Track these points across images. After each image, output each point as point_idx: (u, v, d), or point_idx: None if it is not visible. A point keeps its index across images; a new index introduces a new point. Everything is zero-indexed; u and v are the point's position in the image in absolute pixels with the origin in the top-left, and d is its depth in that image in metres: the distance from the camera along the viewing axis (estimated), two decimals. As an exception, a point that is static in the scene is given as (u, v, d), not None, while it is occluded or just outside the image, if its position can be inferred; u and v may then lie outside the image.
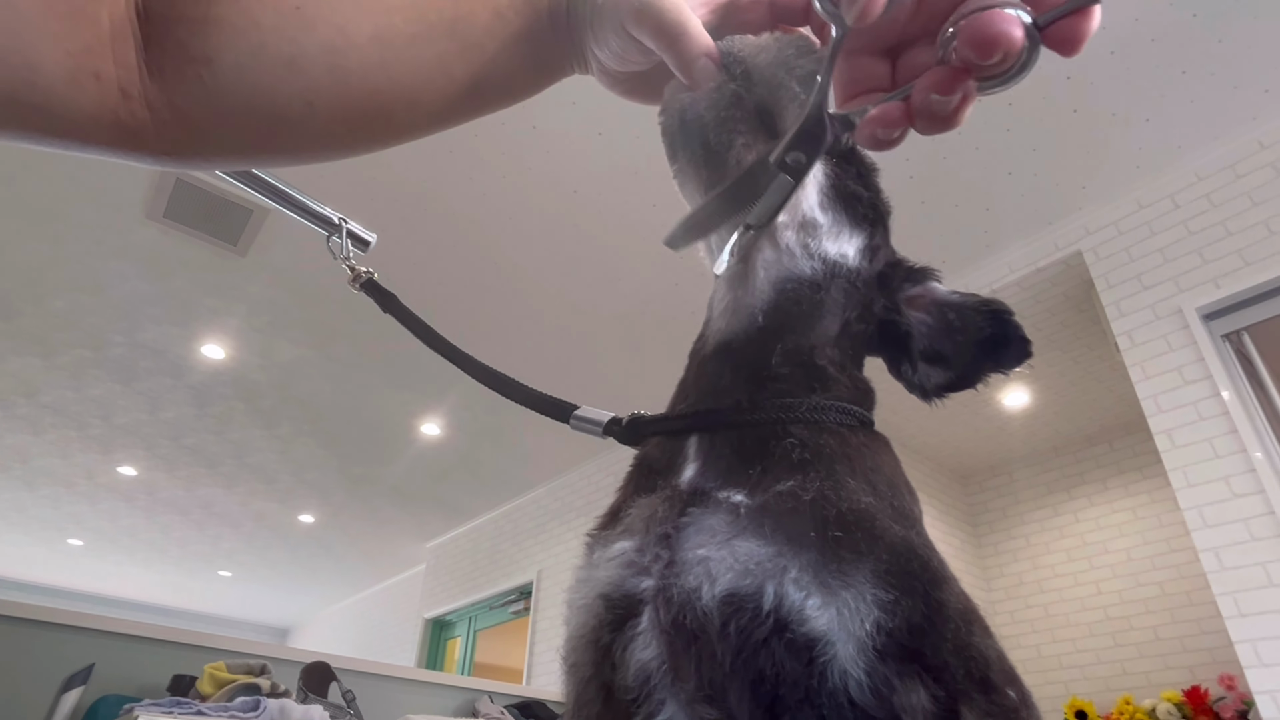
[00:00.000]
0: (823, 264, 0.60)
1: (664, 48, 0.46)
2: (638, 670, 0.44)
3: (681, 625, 0.43)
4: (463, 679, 2.78)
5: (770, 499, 0.46)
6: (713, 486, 0.50)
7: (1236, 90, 2.63)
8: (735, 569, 0.43)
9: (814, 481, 0.46)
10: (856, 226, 0.63)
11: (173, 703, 1.60)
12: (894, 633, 0.40)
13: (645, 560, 0.47)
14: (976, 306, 0.61)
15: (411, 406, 4.76)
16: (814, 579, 0.41)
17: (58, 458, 5.57)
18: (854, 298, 0.61)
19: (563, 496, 5.54)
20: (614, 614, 0.46)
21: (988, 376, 0.61)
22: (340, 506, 6.43)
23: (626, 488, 0.57)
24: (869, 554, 0.42)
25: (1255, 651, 2.24)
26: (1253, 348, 2.61)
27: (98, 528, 7.11)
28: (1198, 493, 2.49)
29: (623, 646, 0.45)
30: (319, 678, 2.00)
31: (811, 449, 0.50)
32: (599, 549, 0.51)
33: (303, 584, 8.80)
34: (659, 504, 0.50)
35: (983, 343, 0.60)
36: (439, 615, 6.54)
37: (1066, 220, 3.18)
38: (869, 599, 0.40)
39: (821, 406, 0.53)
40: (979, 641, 0.43)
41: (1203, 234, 2.77)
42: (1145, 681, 3.83)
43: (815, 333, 0.58)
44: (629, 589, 0.47)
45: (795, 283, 0.58)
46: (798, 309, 0.58)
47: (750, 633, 0.41)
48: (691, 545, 0.45)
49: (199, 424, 5.04)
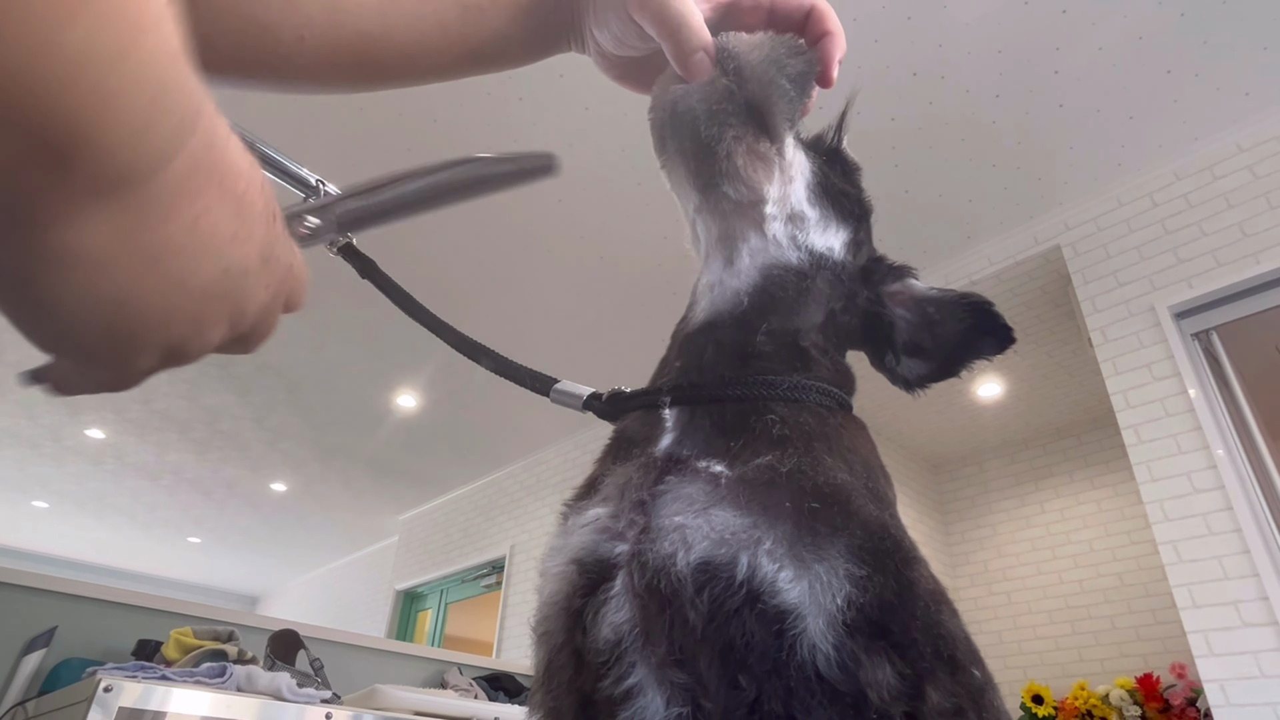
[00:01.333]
0: (809, 255, 0.61)
1: (664, 36, 0.46)
2: (610, 632, 0.44)
3: (655, 590, 0.43)
4: (432, 650, 2.79)
5: (749, 471, 0.46)
6: (690, 455, 0.50)
7: (1219, 93, 2.66)
8: (711, 538, 0.43)
9: (792, 456, 0.47)
10: (843, 221, 0.64)
11: (136, 667, 1.59)
12: (864, 608, 0.40)
13: (620, 526, 0.47)
14: (955, 301, 0.63)
15: (388, 378, 4.72)
16: (788, 552, 0.42)
17: (24, 418, 5.46)
18: (839, 289, 0.62)
19: (538, 472, 5.55)
20: (587, 578, 0.47)
21: (972, 364, 0.63)
22: (314, 476, 6.38)
23: (604, 459, 0.57)
24: (843, 529, 0.43)
25: (1206, 641, 2.31)
26: (1220, 347, 2.66)
27: (64, 490, 7.00)
28: (1160, 487, 2.55)
29: (595, 609, 0.45)
30: (287, 645, 1.99)
31: (791, 425, 0.50)
32: (574, 516, 0.51)
33: (274, 553, 8.75)
34: (634, 471, 0.50)
35: (964, 333, 0.62)
36: (410, 587, 6.54)
37: (1047, 215, 3.21)
38: (841, 574, 0.41)
39: (803, 385, 0.53)
40: (947, 621, 0.43)
41: (1179, 233, 2.81)
42: (1100, 669, 3.95)
43: (800, 317, 0.59)
44: (602, 553, 0.47)
45: (781, 270, 0.59)
46: (783, 294, 0.59)
47: (722, 601, 0.41)
48: (668, 512, 0.46)
49: (171, 388, 4.96)
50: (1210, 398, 2.56)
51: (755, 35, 0.52)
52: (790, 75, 0.52)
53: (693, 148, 0.56)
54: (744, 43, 0.51)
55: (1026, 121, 2.79)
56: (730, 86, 0.51)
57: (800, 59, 0.52)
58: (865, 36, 2.48)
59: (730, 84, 0.51)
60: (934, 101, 2.70)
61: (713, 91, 0.52)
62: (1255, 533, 2.31)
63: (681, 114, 0.53)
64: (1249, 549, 2.30)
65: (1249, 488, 2.39)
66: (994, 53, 2.53)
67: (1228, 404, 2.57)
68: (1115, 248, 2.97)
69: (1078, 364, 3.91)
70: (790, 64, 0.52)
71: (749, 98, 0.52)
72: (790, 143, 0.59)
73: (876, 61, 2.56)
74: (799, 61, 0.52)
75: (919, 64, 2.58)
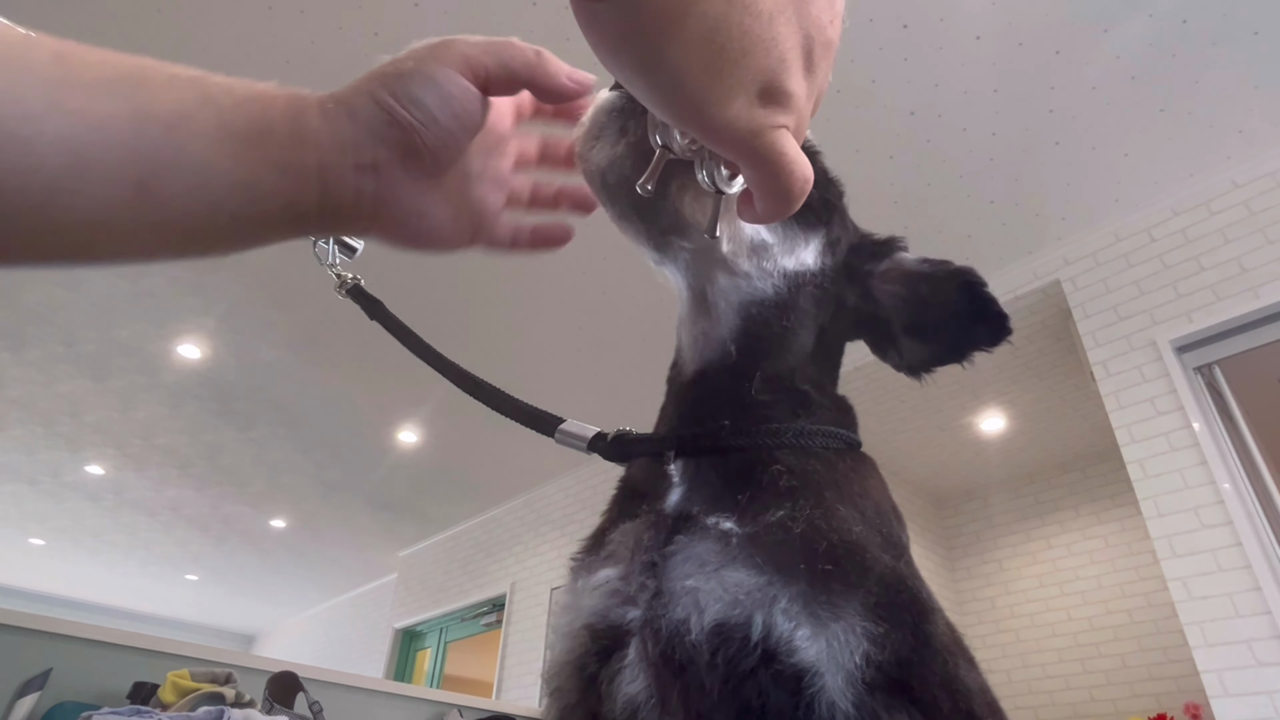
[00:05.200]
0: (784, 279, 0.58)
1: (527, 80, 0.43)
2: (625, 703, 0.43)
3: (669, 658, 0.43)
4: (433, 691, 2.73)
5: (761, 530, 0.46)
6: (700, 511, 0.49)
7: (1212, 130, 2.69)
8: (724, 599, 0.43)
9: (804, 510, 0.46)
10: (810, 230, 0.60)
11: (132, 711, 1.56)
12: (883, 665, 0.40)
13: (631, 589, 0.47)
14: (947, 277, 0.60)
15: (389, 414, 4.71)
16: (804, 610, 0.41)
17: (22, 454, 5.44)
18: (824, 300, 0.60)
19: (539, 509, 5.50)
20: (599, 644, 0.46)
21: (972, 354, 0.59)
22: (313, 512, 6.33)
23: (611, 511, 0.56)
24: (859, 586, 0.42)
25: (1220, 681, 2.27)
26: (1223, 381, 2.66)
27: (61, 527, 6.94)
28: (1167, 522, 2.53)
29: (609, 678, 0.45)
30: (285, 688, 1.95)
31: (799, 475, 0.49)
32: (583, 575, 0.51)
33: (271, 590, 8.64)
34: (644, 530, 0.50)
35: (959, 316, 0.58)
36: (410, 625, 6.45)
37: (1046, 250, 3.24)
38: (859, 631, 0.40)
39: (807, 431, 0.53)
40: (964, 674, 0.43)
41: (1177, 268, 2.83)
42: (1112, 709, 3.86)
43: (791, 354, 0.57)
44: (614, 619, 0.46)
45: (759, 306, 0.57)
46: (768, 332, 0.57)
47: (738, 662, 0.41)
48: (679, 575, 0.45)
49: (172, 424, 4.95)
50: (1215, 431, 2.55)
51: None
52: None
53: (634, 210, 0.53)
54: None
55: (1023, 159, 2.83)
56: (656, 139, 0.47)
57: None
58: (864, 77, 2.52)
59: (657, 137, 0.47)
60: (931, 140, 2.74)
61: (640, 149, 0.48)
62: (1266, 569, 2.28)
63: (613, 184, 0.51)
64: (1260, 586, 2.27)
65: (1257, 523, 2.37)
66: (990, 92, 2.58)
67: (1232, 438, 2.56)
68: (1114, 282, 2.98)
69: (1080, 398, 3.90)
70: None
71: (676, 147, 0.48)
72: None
73: (875, 101, 2.60)
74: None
75: (917, 103, 2.62)
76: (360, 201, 0.37)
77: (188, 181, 0.32)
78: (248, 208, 0.34)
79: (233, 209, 0.33)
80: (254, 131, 0.33)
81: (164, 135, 0.31)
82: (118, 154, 0.30)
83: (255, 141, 0.33)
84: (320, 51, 2.50)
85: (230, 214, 0.33)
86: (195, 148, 0.32)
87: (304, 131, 0.35)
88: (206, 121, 0.32)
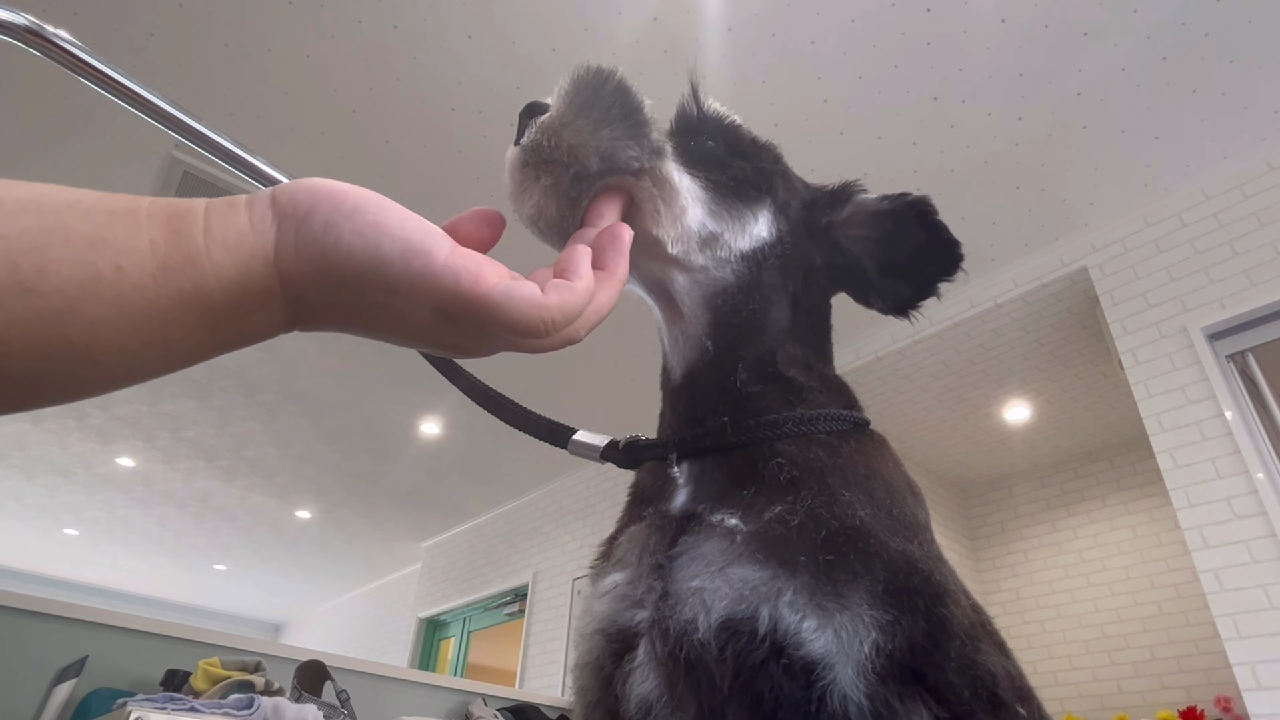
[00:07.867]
0: (742, 262, 0.58)
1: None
2: (639, 703, 0.44)
3: (678, 657, 0.43)
4: (457, 680, 2.76)
5: (763, 525, 0.46)
6: (705, 510, 0.50)
7: (1246, 111, 2.62)
8: (730, 596, 0.43)
9: (805, 501, 0.46)
10: (754, 203, 0.60)
11: (166, 698, 1.59)
12: (894, 654, 0.39)
13: (638, 593, 0.47)
14: (904, 211, 0.61)
15: (412, 405, 4.75)
16: (809, 601, 0.41)
17: (56, 447, 5.56)
18: (790, 267, 0.60)
19: (560, 499, 5.53)
20: (612, 647, 0.47)
21: (938, 287, 0.61)
22: (338, 503, 6.41)
23: (623, 517, 0.58)
24: (865, 573, 0.42)
25: (1254, 674, 2.23)
26: (1257, 369, 2.60)
27: (94, 518, 7.10)
28: (1199, 513, 2.48)
29: (622, 680, 0.46)
30: (313, 676, 1.99)
31: (801, 465, 0.49)
32: (598, 580, 0.52)
33: (297, 580, 8.78)
34: (650, 533, 0.50)
35: (924, 249, 0.60)
36: (433, 615, 6.52)
37: (1073, 236, 3.18)
38: (866, 620, 0.40)
39: (808, 418, 0.53)
40: (985, 658, 0.42)
41: (1209, 253, 2.77)
42: (1141, 701, 3.82)
43: (768, 335, 0.58)
44: (623, 622, 0.47)
45: (724, 295, 0.57)
46: (738, 319, 0.57)
47: (746, 656, 0.41)
48: (685, 576, 0.45)
49: (199, 416, 5.03)
50: (1248, 420, 2.50)
51: (551, 111, 0.48)
52: (609, 119, 0.48)
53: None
54: (549, 127, 0.48)
55: (1050, 143, 2.77)
56: (580, 171, 0.48)
57: (605, 95, 0.48)
58: (886, 61, 2.49)
59: (575, 169, 0.48)
60: (956, 125, 2.70)
61: (563, 188, 0.48)
62: (1301, 560, 2.23)
63: (545, 229, 0.51)
64: (1295, 577, 2.22)
65: (1292, 513, 2.32)
66: (1015, 76, 2.53)
67: (1267, 427, 2.50)
68: (1144, 268, 2.92)
69: (1107, 386, 3.83)
70: (597, 110, 0.48)
71: (592, 171, 0.48)
72: (663, 170, 0.52)
73: (898, 86, 2.57)
74: (605, 98, 0.48)
75: (940, 88, 2.58)
76: None
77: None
78: None
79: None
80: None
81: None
82: None
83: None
84: (340, 45, 2.51)
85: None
86: None
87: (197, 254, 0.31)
88: None
